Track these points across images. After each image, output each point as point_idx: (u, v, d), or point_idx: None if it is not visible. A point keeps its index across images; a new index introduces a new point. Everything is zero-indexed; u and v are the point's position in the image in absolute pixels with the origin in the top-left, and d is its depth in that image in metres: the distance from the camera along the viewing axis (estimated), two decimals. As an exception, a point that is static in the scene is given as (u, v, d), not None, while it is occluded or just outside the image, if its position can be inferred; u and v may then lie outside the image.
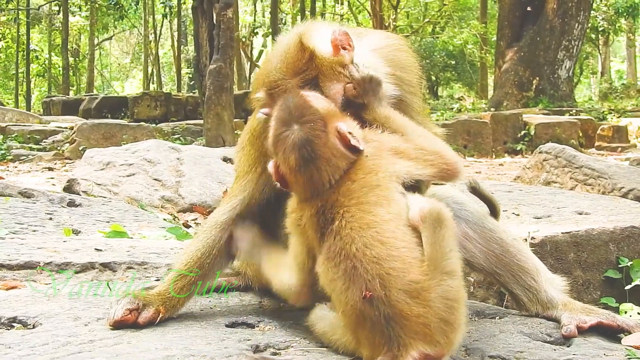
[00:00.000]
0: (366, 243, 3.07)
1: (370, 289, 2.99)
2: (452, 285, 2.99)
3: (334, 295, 3.12)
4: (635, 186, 8.47)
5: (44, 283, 4.26)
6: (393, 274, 2.99)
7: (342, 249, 3.10)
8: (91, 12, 56.38)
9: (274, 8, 45.52)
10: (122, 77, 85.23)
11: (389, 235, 3.10)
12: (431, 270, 3.00)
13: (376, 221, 3.13)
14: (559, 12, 30.60)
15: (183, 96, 35.71)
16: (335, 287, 3.10)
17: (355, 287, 3.03)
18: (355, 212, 3.15)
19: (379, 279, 2.99)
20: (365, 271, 3.02)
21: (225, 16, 18.75)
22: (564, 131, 22.12)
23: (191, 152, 10.44)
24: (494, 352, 3.29)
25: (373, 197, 3.19)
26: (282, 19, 56.31)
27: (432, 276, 2.98)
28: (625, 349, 3.54)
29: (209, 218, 3.88)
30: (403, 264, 3.02)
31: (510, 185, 9.11)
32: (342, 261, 3.08)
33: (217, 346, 3.16)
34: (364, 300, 2.98)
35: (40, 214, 6.71)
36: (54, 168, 16.61)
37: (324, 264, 3.16)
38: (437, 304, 2.95)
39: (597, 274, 6.14)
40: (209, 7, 19.06)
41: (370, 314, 2.98)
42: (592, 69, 61.20)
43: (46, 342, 3.13)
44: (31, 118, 28.81)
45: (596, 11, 44.75)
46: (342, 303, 3.08)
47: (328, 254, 3.14)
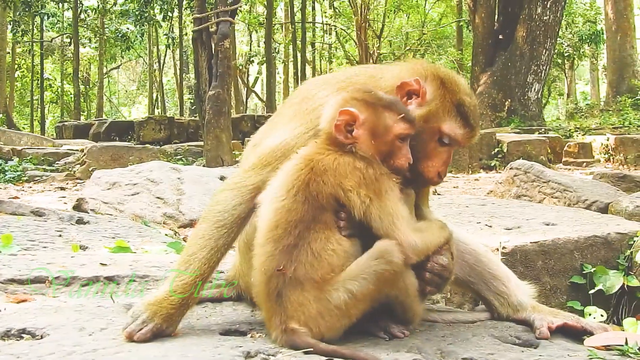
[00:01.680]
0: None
1: (286, 268, 3.21)
2: (341, 297, 3.19)
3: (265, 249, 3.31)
4: (598, 198, 8.49)
5: (52, 296, 4.24)
6: (308, 267, 3.21)
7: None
8: (100, 43, 56.42)
9: (267, 38, 45.55)
10: (129, 103, 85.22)
11: (341, 241, 3.28)
12: (339, 278, 3.21)
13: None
14: (528, 39, 30.71)
15: (185, 120, 35.67)
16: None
17: (283, 257, 3.23)
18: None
19: (299, 263, 3.21)
20: (299, 253, 3.22)
21: (222, 46, 18.79)
22: (534, 148, 22.17)
23: (191, 172, 10.45)
24: (466, 354, 3.28)
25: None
26: (275, 48, 56.36)
27: (336, 283, 3.20)
28: (587, 349, 3.54)
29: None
30: (324, 264, 3.22)
31: (484, 199, 9.12)
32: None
33: (211, 353, 3.14)
34: (277, 271, 3.22)
35: (51, 231, 6.69)
36: (66, 188, 16.57)
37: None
38: (324, 303, 3.19)
39: (564, 280, 6.16)
40: (207, 39, 19.10)
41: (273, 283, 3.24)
42: (559, 91, 61.39)
43: (52, 351, 3.11)
44: (45, 142, 28.77)
45: (562, 38, 44.95)
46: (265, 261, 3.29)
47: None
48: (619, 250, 6.38)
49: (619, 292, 6.18)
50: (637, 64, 45.03)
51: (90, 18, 53.28)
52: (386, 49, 60.30)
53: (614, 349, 3.59)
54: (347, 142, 3.36)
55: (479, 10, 32.60)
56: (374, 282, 3.22)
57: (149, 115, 47.47)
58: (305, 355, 3.14)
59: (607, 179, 10.97)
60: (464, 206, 8.27)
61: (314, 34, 61.82)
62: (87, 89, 63.89)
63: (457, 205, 8.34)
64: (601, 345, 3.64)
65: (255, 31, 62.72)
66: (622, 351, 3.54)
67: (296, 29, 50.24)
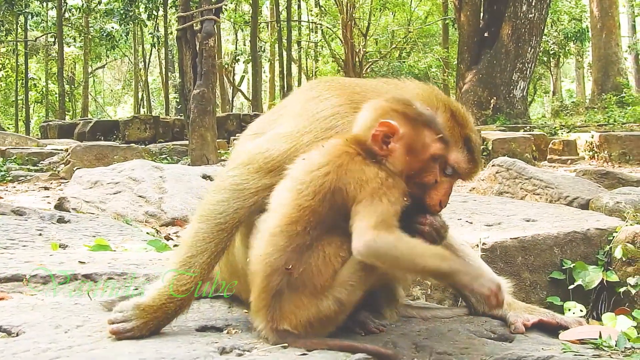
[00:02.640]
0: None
1: (294, 268, 3.19)
2: (331, 306, 3.21)
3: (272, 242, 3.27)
4: (579, 195, 8.52)
5: (29, 294, 4.23)
6: (315, 271, 3.20)
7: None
8: (85, 42, 56.29)
9: (253, 37, 45.54)
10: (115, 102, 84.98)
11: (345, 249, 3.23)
12: (332, 285, 3.22)
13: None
14: (514, 37, 30.78)
15: (170, 119, 35.60)
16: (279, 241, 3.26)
17: (294, 256, 3.21)
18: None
19: (307, 266, 3.20)
20: (311, 255, 3.21)
21: (207, 45, 18.75)
22: (519, 146, 22.19)
23: (173, 171, 10.42)
24: (441, 348, 3.29)
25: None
26: (261, 46, 56.36)
27: (328, 291, 3.22)
28: (562, 343, 3.57)
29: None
30: (330, 271, 3.22)
31: (466, 195, 9.15)
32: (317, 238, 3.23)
33: (186, 349, 3.15)
34: (285, 269, 3.19)
35: (31, 230, 6.66)
36: (50, 187, 16.52)
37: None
38: (315, 311, 3.20)
39: (543, 276, 6.19)
40: (192, 37, 19.05)
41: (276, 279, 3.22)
42: (545, 89, 61.59)
43: (27, 349, 3.11)
44: (29, 141, 28.65)
45: (547, 36, 45.07)
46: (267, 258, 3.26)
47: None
48: (599, 246, 6.42)
49: (598, 287, 6.22)
50: (622, 61, 45.21)
51: (75, 17, 53.11)
52: (372, 48, 60.35)
53: (588, 342, 3.62)
54: (381, 154, 3.32)
55: (465, 8, 32.65)
56: (360, 286, 3.24)
57: (134, 114, 47.32)
58: (279, 351, 3.15)
59: (590, 175, 11.01)
60: (446, 203, 8.28)
61: (299, 33, 61.83)
62: (72, 88, 63.69)
63: (439, 202, 8.35)
64: (575, 339, 3.67)
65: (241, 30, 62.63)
66: (596, 345, 3.57)
67: (282, 27, 50.24)
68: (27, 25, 53.42)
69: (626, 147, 21.96)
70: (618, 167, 20.45)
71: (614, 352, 3.47)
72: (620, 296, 6.16)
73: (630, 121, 28.53)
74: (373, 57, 57.83)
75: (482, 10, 32.91)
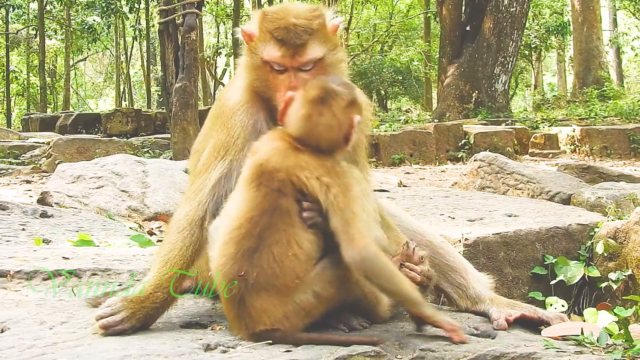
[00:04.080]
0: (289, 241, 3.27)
1: (247, 273, 3.22)
2: (308, 300, 3.27)
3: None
4: (561, 190, 8.58)
5: (14, 290, 4.23)
6: (271, 273, 3.24)
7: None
8: (66, 35, 55.90)
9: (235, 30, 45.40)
10: (96, 95, 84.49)
11: (302, 243, 3.31)
12: (307, 280, 3.27)
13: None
14: (495, 31, 30.80)
15: (152, 112, 35.42)
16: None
17: (243, 261, 3.24)
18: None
19: (260, 269, 3.24)
20: (260, 257, 3.23)
21: (189, 38, 18.67)
22: (501, 139, 22.27)
23: (156, 165, 10.39)
24: (424, 345, 3.31)
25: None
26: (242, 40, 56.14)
27: (303, 285, 3.25)
28: (544, 339, 3.59)
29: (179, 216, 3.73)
30: (287, 271, 3.25)
31: (448, 191, 9.19)
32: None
33: (171, 345, 3.16)
34: (239, 276, 3.22)
35: (14, 225, 6.63)
36: (32, 181, 16.43)
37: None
38: (290, 305, 3.24)
39: (525, 271, 6.24)
40: (174, 31, 18.95)
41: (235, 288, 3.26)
42: (526, 83, 61.65)
43: (12, 345, 3.12)
44: (11, 134, 28.49)
45: (529, 30, 45.14)
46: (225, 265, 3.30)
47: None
48: (580, 241, 6.47)
49: (580, 282, 6.28)
50: (603, 55, 45.35)
51: (56, 10, 52.74)
52: (354, 41, 60.30)
53: (570, 339, 3.65)
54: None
55: (446, 1, 32.64)
56: (337, 287, 3.28)
57: (116, 107, 47.09)
58: (264, 347, 3.17)
59: (572, 170, 11.06)
60: (428, 198, 8.32)
61: (282, 25, 61.54)
62: (53, 81, 63.27)
63: (421, 197, 8.40)
64: (558, 336, 3.70)
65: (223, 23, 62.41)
66: (578, 341, 3.60)
67: (264, 20, 50.01)
68: (9, 18, 53.07)
69: (607, 141, 22.09)
70: (599, 161, 20.57)
71: (596, 349, 3.50)
72: (602, 291, 6.21)
73: (612, 115, 28.64)
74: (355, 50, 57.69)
75: (463, 4, 32.90)
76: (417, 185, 13.50)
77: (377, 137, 21.36)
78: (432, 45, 50.80)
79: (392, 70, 50.62)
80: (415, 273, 3.66)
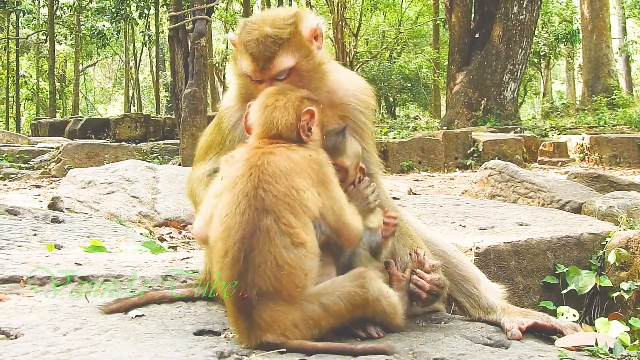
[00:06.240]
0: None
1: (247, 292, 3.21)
2: (315, 311, 3.25)
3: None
4: (571, 198, 8.55)
5: (27, 296, 4.23)
6: (269, 284, 3.21)
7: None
8: (76, 40, 56.08)
9: (244, 36, 45.37)
10: (105, 100, 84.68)
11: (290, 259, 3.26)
12: (315, 291, 3.28)
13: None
14: (504, 38, 30.79)
15: (161, 118, 35.45)
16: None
17: (241, 283, 3.23)
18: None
19: (261, 282, 3.21)
20: (254, 274, 3.21)
21: (198, 44, 18.70)
22: (509, 147, 22.26)
23: (166, 171, 10.40)
24: (438, 354, 3.30)
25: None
26: (252, 46, 56.15)
27: (310, 296, 3.26)
28: (558, 350, 3.58)
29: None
30: (295, 272, 3.23)
31: (458, 199, 9.17)
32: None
33: (184, 353, 3.16)
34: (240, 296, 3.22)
35: (26, 230, 6.65)
36: (41, 186, 16.47)
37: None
38: (298, 314, 3.23)
39: (536, 280, 6.21)
40: (183, 37, 18.99)
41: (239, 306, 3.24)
42: (535, 90, 61.66)
43: (27, 351, 3.12)
44: (20, 139, 28.53)
45: (538, 37, 45.12)
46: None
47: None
48: (592, 250, 6.45)
49: (591, 292, 6.25)
50: (612, 63, 45.30)
51: (66, 15, 52.91)
52: (363, 48, 60.32)
53: (584, 349, 3.63)
54: (309, 141, 3.52)
55: (456, 9, 32.66)
56: (346, 303, 3.28)
57: (125, 112, 47.14)
58: (277, 356, 3.16)
59: (582, 178, 11.04)
60: (439, 206, 8.31)
61: (290, 32, 61.57)
62: (62, 86, 63.45)
63: (431, 205, 8.38)
64: (572, 346, 3.68)
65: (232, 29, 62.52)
66: (592, 352, 3.59)
67: (273, 27, 50.02)
68: (19, 23, 53.25)
69: (617, 150, 22.03)
70: (609, 169, 20.53)
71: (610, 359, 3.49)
72: (613, 301, 6.19)
73: (621, 123, 28.62)
74: (364, 57, 57.72)
75: (473, 11, 32.92)
76: (426, 193, 13.48)
77: (386, 144, 21.36)
78: (440, 53, 50.85)
79: (401, 77, 50.70)
80: (424, 281, 3.66)
